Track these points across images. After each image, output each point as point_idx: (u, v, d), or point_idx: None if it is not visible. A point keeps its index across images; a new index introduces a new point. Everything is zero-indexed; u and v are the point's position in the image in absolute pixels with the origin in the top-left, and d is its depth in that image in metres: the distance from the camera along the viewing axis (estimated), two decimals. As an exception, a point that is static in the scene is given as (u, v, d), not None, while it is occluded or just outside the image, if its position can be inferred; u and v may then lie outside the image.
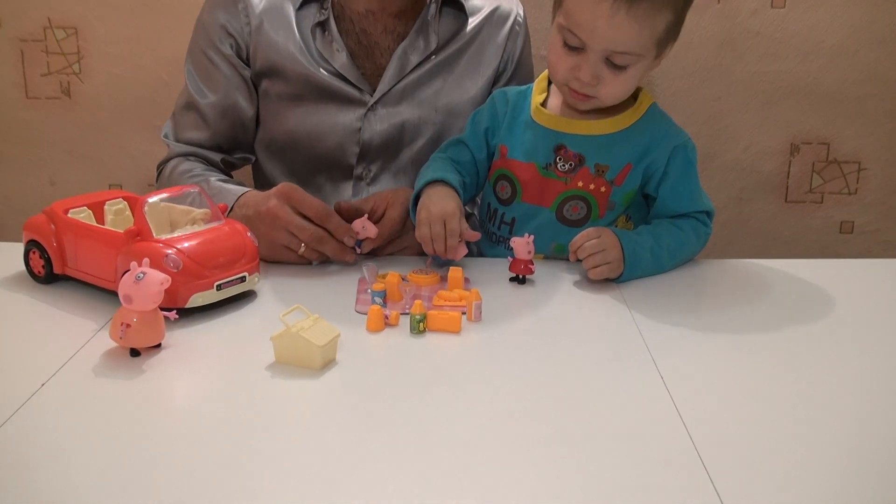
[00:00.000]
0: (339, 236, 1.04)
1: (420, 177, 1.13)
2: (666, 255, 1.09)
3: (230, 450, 0.67)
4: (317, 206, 1.04)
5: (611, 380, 0.80)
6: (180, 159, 1.27)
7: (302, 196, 1.04)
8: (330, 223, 1.04)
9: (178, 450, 0.67)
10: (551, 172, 1.12)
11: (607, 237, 1.04)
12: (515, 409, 0.74)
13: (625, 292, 1.03)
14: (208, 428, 0.70)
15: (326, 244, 1.04)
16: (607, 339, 0.89)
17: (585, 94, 1.08)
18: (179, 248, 0.91)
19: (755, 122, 1.67)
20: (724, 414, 0.73)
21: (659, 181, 1.11)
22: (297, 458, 0.66)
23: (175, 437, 0.68)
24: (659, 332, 0.91)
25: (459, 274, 1.00)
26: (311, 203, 1.04)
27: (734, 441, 0.68)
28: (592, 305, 0.99)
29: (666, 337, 0.90)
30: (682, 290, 1.06)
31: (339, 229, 1.04)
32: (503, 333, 0.90)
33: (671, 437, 0.69)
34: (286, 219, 1.03)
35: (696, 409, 0.74)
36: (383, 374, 0.80)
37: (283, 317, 0.80)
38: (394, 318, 0.91)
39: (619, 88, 1.07)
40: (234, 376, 0.79)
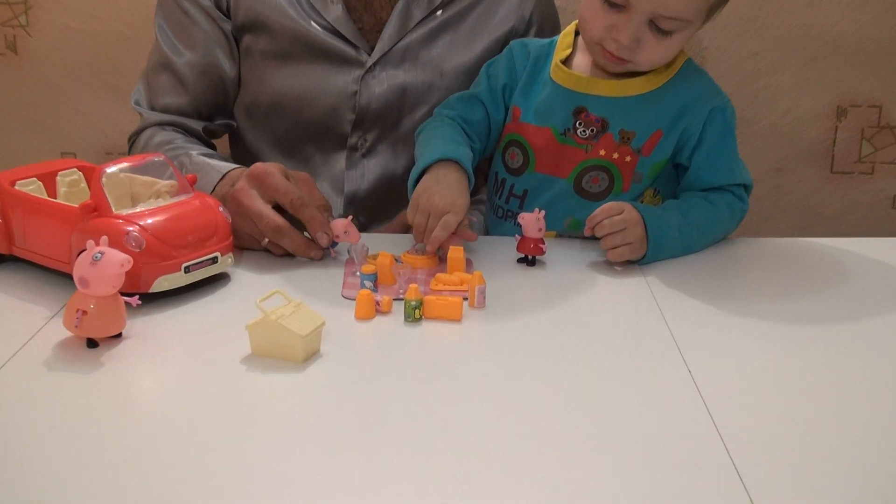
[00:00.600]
0: (312, 231, 1.02)
1: (425, 142, 1.11)
2: (696, 233, 1.09)
3: (200, 454, 0.66)
4: (289, 193, 1.01)
5: (632, 375, 0.79)
6: (155, 129, 1.26)
7: (275, 182, 1.02)
8: (303, 213, 1.02)
9: (139, 454, 0.66)
10: (570, 139, 1.12)
11: (630, 214, 1.04)
12: (523, 408, 0.74)
13: (648, 275, 1.03)
14: (175, 429, 0.70)
15: (285, 237, 1.01)
16: (628, 329, 0.90)
17: (620, 58, 1.07)
18: (142, 224, 0.91)
19: (797, 82, 1.66)
20: (762, 416, 0.73)
21: (693, 149, 1.11)
22: (276, 463, 0.65)
23: (137, 441, 0.68)
24: (687, 321, 0.91)
25: (460, 254, 1.00)
26: (284, 189, 1.02)
27: (771, 446, 0.69)
28: (611, 290, 0.99)
29: (695, 326, 0.90)
30: (714, 272, 1.06)
31: (314, 222, 1.02)
32: (510, 322, 0.90)
33: (702, 446, 0.69)
34: (247, 205, 1.02)
35: (729, 410, 0.73)
36: (374, 368, 0.80)
37: (260, 303, 0.80)
38: (386, 305, 0.91)
39: (659, 55, 1.07)
40: (204, 371, 0.79)
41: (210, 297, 0.94)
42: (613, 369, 0.80)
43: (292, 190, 1.02)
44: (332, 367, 0.80)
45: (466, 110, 1.18)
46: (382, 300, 0.91)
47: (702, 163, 1.11)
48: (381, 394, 0.75)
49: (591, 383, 0.78)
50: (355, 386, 0.77)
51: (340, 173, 1.28)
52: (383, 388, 0.76)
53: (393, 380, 0.78)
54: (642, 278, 1.02)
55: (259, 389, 0.76)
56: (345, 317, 0.90)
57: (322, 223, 1.02)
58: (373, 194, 1.29)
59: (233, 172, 1.10)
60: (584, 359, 0.83)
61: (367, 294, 0.90)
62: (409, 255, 1.04)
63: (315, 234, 1.03)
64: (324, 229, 1.02)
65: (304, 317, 0.81)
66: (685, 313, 0.92)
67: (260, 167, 1.04)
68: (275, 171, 1.04)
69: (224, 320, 0.89)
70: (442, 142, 1.09)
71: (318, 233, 1.02)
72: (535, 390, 0.77)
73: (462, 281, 0.97)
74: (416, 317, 0.89)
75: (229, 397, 0.75)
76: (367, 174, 1.28)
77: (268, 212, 1.02)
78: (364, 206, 1.29)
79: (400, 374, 0.79)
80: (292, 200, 1.02)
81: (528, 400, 0.75)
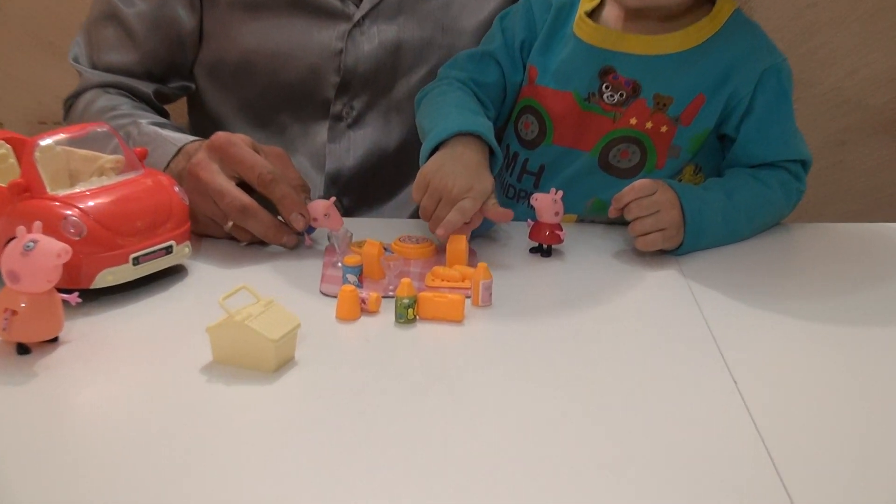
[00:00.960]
0: (285, 212, 1.02)
1: (432, 111, 1.11)
2: (743, 218, 1.09)
3: (150, 481, 0.66)
4: (257, 166, 1.01)
5: (667, 389, 0.79)
6: (98, 91, 1.26)
7: (240, 153, 1.02)
8: (274, 190, 1.01)
9: (77, 482, 0.66)
10: (595, 105, 1.12)
11: (664, 194, 1.04)
12: (536, 427, 0.73)
13: (685, 268, 1.03)
14: (121, 452, 0.69)
15: (253, 220, 1.01)
16: (661, 334, 0.90)
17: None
18: (82, 207, 0.90)
19: (861, 38, 1.65)
20: (821, 448, 0.72)
21: (741, 118, 1.11)
22: (241, 492, 0.65)
23: (75, 466, 0.68)
24: (731, 322, 0.91)
25: (462, 244, 1.00)
26: (251, 161, 1.02)
27: (827, 474, 0.69)
28: (641, 287, 0.99)
29: (742, 330, 0.90)
30: (765, 265, 1.05)
31: (286, 201, 1.02)
32: (520, 324, 0.90)
33: (754, 477, 0.68)
34: (207, 180, 1.02)
35: (780, 427, 0.74)
36: (359, 379, 0.80)
37: (223, 301, 0.80)
38: (373, 303, 0.91)
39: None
40: (156, 382, 0.79)
41: (163, 293, 0.95)
42: (644, 382, 0.80)
43: (260, 163, 1.02)
44: (309, 378, 0.80)
45: (478, 71, 1.18)
46: (369, 297, 0.91)
47: (752, 134, 1.11)
48: (368, 410, 0.75)
49: (618, 399, 0.78)
50: (336, 400, 0.77)
51: (321, 147, 1.28)
52: (370, 402, 0.76)
53: (381, 393, 0.78)
54: (679, 272, 1.03)
55: (222, 404, 0.76)
56: (324, 317, 0.90)
57: (296, 202, 1.02)
58: (360, 173, 1.29)
59: (190, 146, 1.10)
60: (608, 369, 0.82)
61: (350, 290, 0.90)
62: (402, 243, 1.04)
63: (288, 215, 1.02)
64: (299, 210, 1.02)
65: (276, 317, 0.81)
66: (730, 315, 0.92)
67: (222, 136, 1.04)
68: (239, 140, 1.04)
69: (180, 322, 0.89)
70: (457, 110, 1.09)
71: (293, 214, 1.02)
72: (550, 405, 0.76)
73: (464, 275, 0.97)
74: (409, 317, 0.89)
75: (186, 414, 0.74)
76: (353, 149, 1.28)
77: (231, 189, 1.01)
78: (349, 186, 1.29)
79: (389, 386, 0.79)
80: (260, 175, 1.01)
81: (542, 417, 0.75)
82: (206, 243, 1.06)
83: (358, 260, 0.95)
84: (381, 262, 0.97)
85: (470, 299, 0.93)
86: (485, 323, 0.90)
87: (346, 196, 1.30)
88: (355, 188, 1.30)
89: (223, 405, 0.76)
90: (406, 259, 1.02)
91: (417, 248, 1.03)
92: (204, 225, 1.05)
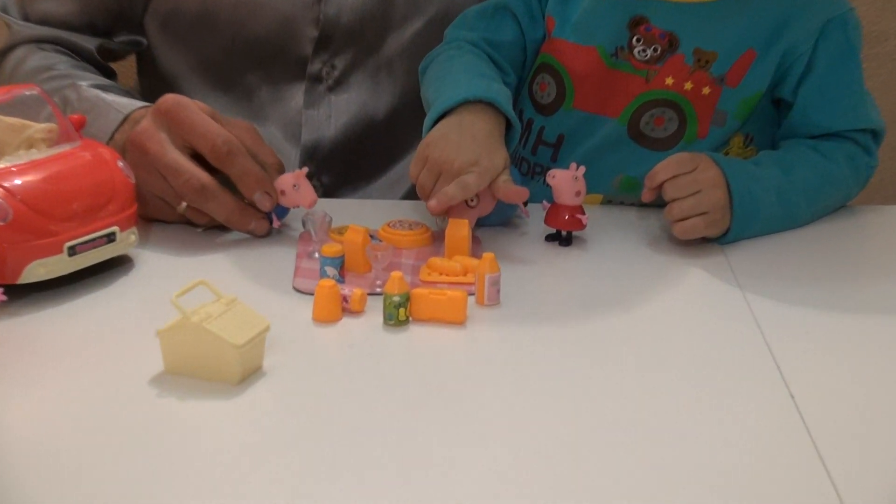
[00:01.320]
0: (247, 191, 1.02)
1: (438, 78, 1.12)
2: (802, 199, 1.09)
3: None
4: (211, 134, 1.01)
5: (711, 409, 0.79)
6: (30, 48, 1.26)
7: (191, 118, 1.02)
8: (232, 164, 1.01)
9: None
10: (623, 62, 1.12)
11: (706, 170, 1.04)
12: (554, 453, 0.73)
13: (734, 260, 1.03)
14: (55, 477, 0.69)
15: (212, 201, 1.02)
16: (705, 340, 0.90)
17: None
18: (7, 186, 0.90)
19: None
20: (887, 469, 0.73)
21: (800, 78, 1.11)
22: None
23: (2, 494, 0.67)
24: (788, 326, 0.91)
25: (465, 230, 1.00)
26: (204, 128, 1.02)
27: None
28: (680, 283, 1.00)
29: (799, 336, 0.90)
30: (831, 256, 1.05)
31: (248, 178, 1.02)
32: (534, 327, 0.90)
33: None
34: (156, 154, 1.02)
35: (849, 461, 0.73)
36: (340, 393, 0.80)
37: (176, 298, 0.80)
38: (356, 301, 0.91)
39: None
40: (95, 397, 0.79)
41: (105, 289, 0.95)
42: (684, 402, 0.80)
43: (215, 131, 1.02)
44: (281, 392, 0.80)
45: (491, 29, 1.18)
46: (352, 294, 0.91)
47: (812, 98, 1.11)
48: (351, 431, 0.75)
49: (653, 421, 0.77)
50: (313, 419, 0.76)
51: (297, 114, 1.29)
52: (353, 422, 0.76)
53: (367, 411, 0.77)
54: (726, 265, 1.02)
55: (174, 425, 0.76)
56: (298, 319, 0.90)
57: (260, 179, 1.02)
58: (343, 145, 1.29)
59: (138, 112, 1.10)
60: (641, 384, 0.82)
61: (329, 286, 0.90)
62: (392, 229, 1.04)
63: (250, 195, 1.02)
64: (263, 187, 1.02)
65: (240, 319, 0.81)
66: (787, 318, 0.93)
67: (170, 98, 1.04)
68: (193, 104, 1.03)
69: (124, 324, 0.89)
70: (466, 76, 1.10)
71: (256, 193, 1.02)
72: (570, 429, 0.76)
73: (466, 268, 0.97)
74: (400, 318, 0.89)
75: (131, 437, 0.74)
76: (334, 116, 1.29)
77: (186, 164, 1.02)
78: (330, 161, 1.30)
79: (377, 403, 0.78)
80: (215, 146, 1.01)
81: (561, 442, 0.74)
82: (156, 229, 1.06)
83: (339, 249, 0.95)
84: (366, 251, 0.97)
85: (473, 297, 0.93)
86: (491, 326, 0.90)
87: (325, 173, 1.30)
88: (337, 163, 1.30)
89: (176, 426, 0.76)
90: (397, 248, 1.01)
91: (411, 236, 1.03)
92: (153, 207, 1.05)
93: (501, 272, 0.93)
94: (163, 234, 1.05)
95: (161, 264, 0.99)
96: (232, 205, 1.03)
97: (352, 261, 0.97)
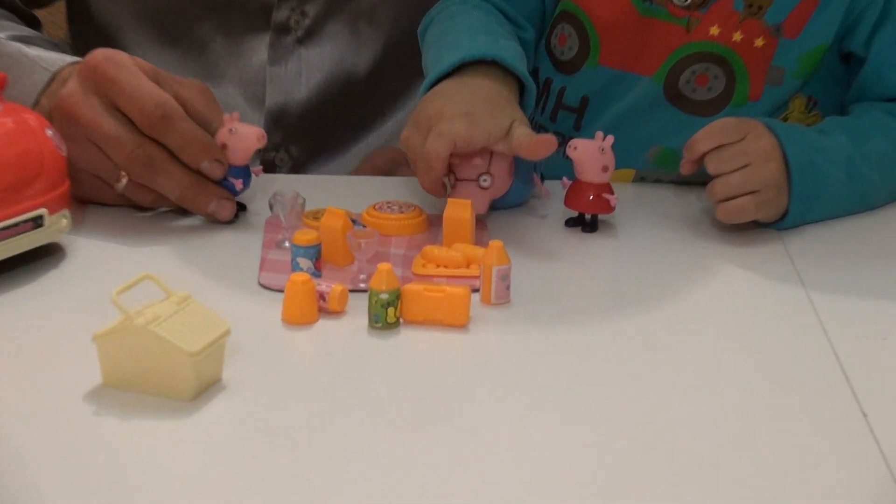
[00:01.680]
0: (192, 161, 1.02)
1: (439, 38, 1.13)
2: (877, 175, 1.09)
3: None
4: (140, 96, 1.01)
5: (771, 433, 0.78)
6: None
7: (120, 76, 1.02)
8: (170, 131, 1.01)
9: None
10: (660, 7, 1.13)
11: (757, 139, 1.04)
12: (576, 483, 0.72)
13: (792, 248, 1.04)
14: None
15: (162, 176, 1.02)
16: (757, 346, 0.90)
17: None
18: None
19: None
20: None
21: (872, 28, 1.12)
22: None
23: None
24: (858, 329, 0.91)
25: (466, 211, 1.00)
26: (133, 88, 1.01)
27: None
28: (728, 277, 1.00)
29: (874, 341, 0.90)
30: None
31: (190, 147, 1.02)
32: (552, 330, 0.91)
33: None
34: (89, 121, 1.02)
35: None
36: (315, 412, 0.80)
37: (117, 296, 0.79)
38: (336, 299, 0.91)
39: None
40: (19, 413, 0.78)
41: (31, 285, 0.95)
42: (735, 422, 0.80)
43: (147, 91, 1.01)
44: (243, 410, 0.80)
45: None
46: (331, 292, 0.90)
47: (889, 53, 1.12)
48: (328, 457, 0.74)
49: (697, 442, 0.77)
50: (282, 443, 0.76)
51: (259, 72, 1.29)
52: (331, 447, 0.76)
53: (348, 433, 0.77)
54: (783, 253, 1.03)
55: (116, 448, 0.75)
56: (265, 320, 0.90)
57: (206, 145, 1.02)
58: (316, 109, 1.30)
59: (67, 70, 1.09)
60: (682, 398, 0.82)
61: (302, 281, 0.89)
62: (378, 212, 1.04)
63: (196, 164, 1.02)
64: (211, 154, 1.02)
65: (195, 321, 0.81)
66: (857, 319, 0.93)
67: (99, 54, 1.04)
68: (126, 60, 1.03)
69: (54, 326, 0.89)
70: (468, 34, 1.11)
71: (203, 162, 1.02)
72: (598, 456, 0.76)
73: (469, 259, 0.97)
74: (389, 320, 0.89)
75: (63, 461, 0.73)
76: (305, 73, 1.30)
77: (126, 132, 1.02)
78: (301, 128, 1.31)
79: (361, 424, 0.78)
80: (145, 109, 1.01)
81: (586, 474, 0.74)
82: (93, 212, 1.06)
83: (314, 237, 0.95)
84: (347, 239, 0.96)
85: (478, 294, 0.93)
86: (500, 329, 0.90)
87: (295, 142, 1.30)
88: (309, 131, 1.30)
89: (117, 452, 0.75)
90: (384, 235, 1.01)
91: (401, 220, 1.03)
92: (87, 186, 1.05)
93: (512, 264, 0.93)
94: (101, 217, 1.05)
95: (98, 254, 1.00)
96: (187, 180, 1.03)
97: (330, 251, 0.97)
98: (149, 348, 0.78)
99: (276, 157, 1.28)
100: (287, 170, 1.23)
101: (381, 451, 0.75)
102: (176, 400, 0.79)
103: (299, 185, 1.04)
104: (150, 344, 0.78)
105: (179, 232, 1.04)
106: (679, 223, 1.07)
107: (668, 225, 1.07)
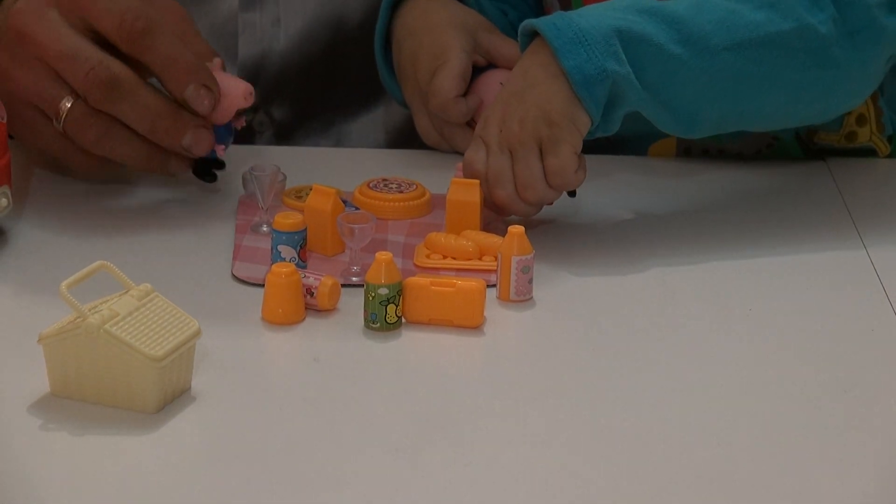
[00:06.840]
0: (175, 85, 1.04)
1: None
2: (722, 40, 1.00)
3: None
4: (119, 7, 1.03)
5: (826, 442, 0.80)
6: None
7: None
8: (151, 47, 1.03)
9: None
10: None
11: None
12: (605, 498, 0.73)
13: (869, 238, 1.05)
14: None
15: (128, 101, 1.03)
16: (823, 341, 0.90)
17: None
18: None
19: None
20: None
21: None
22: None
23: None
24: None
25: (475, 193, 1.00)
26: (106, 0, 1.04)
27: None
28: (800, 262, 1.01)
29: None
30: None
31: (174, 66, 1.03)
32: (580, 331, 0.91)
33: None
34: (44, 39, 1.03)
35: None
36: (300, 427, 0.80)
37: (67, 289, 0.80)
38: (325, 295, 0.91)
39: None
40: None
41: None
42: (795, 437, 0.81)
43: (125, 3, 1.03)
44: (215, 424, 0.81)
45: None
46: (319, 285, 0.91)
47: None
48: (313, 479, 0.75)
49: (754, 466, 0.77)
50: (260, 462, 0.76)
51: (230, 20, 1.30)
52: (317, 468, 0.76)
53: (339, 451, 0.78)
54: (855, 236, 1.04)
55: (66, 468, 0.76)
56: (242, 319, 0.91)
57: (192, 66, 1.04)
58: (298, 63, 1.31)
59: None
60: (739, 412, 0.83)
61: (286, 273, 0.90)
62: (374, 191, 1.05)
63: (180, 88, 1.04)
64: (198, 77, 1.04)
65: (159, 319, 0.82)
66: None
67: None
68: None
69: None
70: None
71: (189, 87, 1.02)
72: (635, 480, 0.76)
73: (483, 248, 0.97)
74: (389, 320, 0.89)
75: (7, 479, 0.74)
76: (285, 20, 1.30)
77: (89, 47, 1.03)
78: (281, 86, 1.32)
79: (355, 441, 0.79)
80: (124, 21, 1.03)
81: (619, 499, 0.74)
82: (38, 189, 1.07)
83: (298, 221, 0.95)
84: (337, 223, 0.96)
85: (494, 289, 0.94)
86: (519, 331, 0.91)
87: (276, 104, 1.31)
88: (291, 90, 1.32)
89: (67, 472, 0.75)
90: (381, 219, 1.01)
91: (401, 200, 1.04)
92: (20, 122, 1.05)
93: (535, 253, 0.94)
94: (48, 196, 1.06)
95: (45, 239, 1.01)
96: (158, 107, 1.03)
97: (317, 237, 0.97)
98: (105, 352, 0.79)
99: (253, 119, 1.27)
100: (268, 137, 1.23)
101: (376, 479, 0.75)
102: (137, 412, 0.79)
103: (279, 157, 1.06)
104: (106, 347, 0.79)
105: (139, 214, 1.04)
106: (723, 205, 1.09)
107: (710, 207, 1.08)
